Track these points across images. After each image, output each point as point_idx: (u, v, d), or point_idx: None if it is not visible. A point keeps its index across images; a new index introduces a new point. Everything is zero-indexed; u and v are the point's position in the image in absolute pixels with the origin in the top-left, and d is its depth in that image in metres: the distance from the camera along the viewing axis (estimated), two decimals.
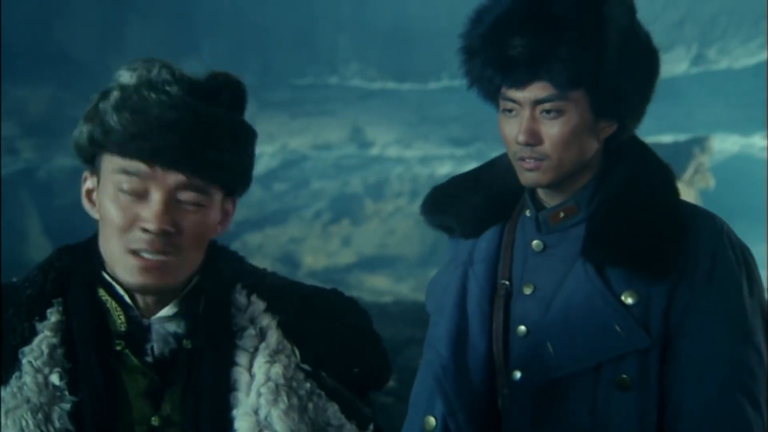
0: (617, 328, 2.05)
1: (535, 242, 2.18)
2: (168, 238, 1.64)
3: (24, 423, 1.63)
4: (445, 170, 16.36)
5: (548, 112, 2.07)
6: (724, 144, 15.68)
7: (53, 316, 1.71)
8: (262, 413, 1.68)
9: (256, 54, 13.06)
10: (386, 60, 13.67)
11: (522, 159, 2.11)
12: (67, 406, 1.65)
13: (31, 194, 15.12)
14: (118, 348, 1.70)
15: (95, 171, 1.74)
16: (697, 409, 2.05)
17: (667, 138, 12.33)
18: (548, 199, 2.18)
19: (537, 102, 2.07)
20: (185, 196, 1.66)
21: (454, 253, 2.34)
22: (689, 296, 2.07)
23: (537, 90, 2.06)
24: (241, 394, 1.71)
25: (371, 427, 1.80)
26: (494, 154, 2.32)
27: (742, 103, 14.75)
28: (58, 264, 1.77)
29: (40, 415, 1.64)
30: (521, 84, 2.07)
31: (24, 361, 1.67)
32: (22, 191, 14.81)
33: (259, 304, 1.78)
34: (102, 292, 1.72)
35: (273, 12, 12.90)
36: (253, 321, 1.78)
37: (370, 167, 17.24)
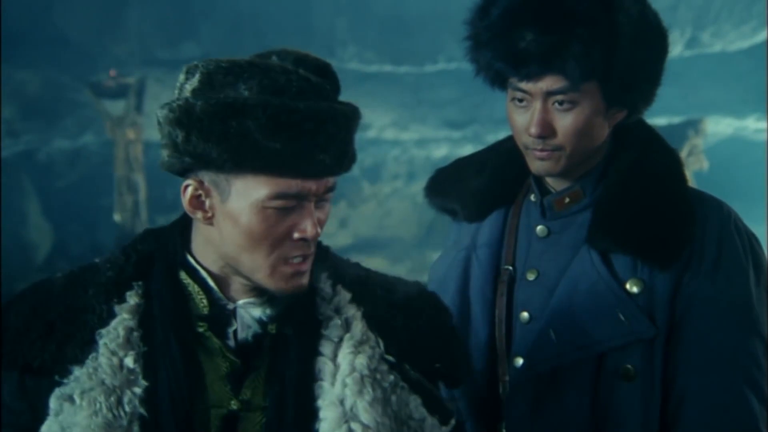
0: (621, 316, 2.04)
1: (539, 227, 2.18)
2: (315, 242, 1.67)
3: (98, 405, 1.63)
4: (441, 153, 16.38)
5: (561, 103, 2.04)
6: (718, 126, 15.70)
7: (132, 298, 1.71)
8: (348, 404, 1.65)
9: (254, 37, 13.04)
10: (383, 43, 13.65)
11: (533, 148, 2.08)
12: (139, 390, 1.65)
13: (31, 176, 15.09)
14: (200, 330, 1.70)
15: (206, 181, 1.68)
16: (701, 400, 2.03)
17: (661, 120, 12.31)
18: (554, 184, 2.17)
19: (549, 93, 2.04)
20: (326, 197, 1.69)
21: (457, 237, 2.32)
22: (695, 284, 2.05)
23: (549, 82, 2.03)
24: (325, 384, 1.66)
25: (452, 421, 1.78)
26: (490, 136, 2.37)
27: (735, 86, 14.76)
28: (141, 247, 1.76)
29: (112, 398, 1.64)
30: (533, 77, 2.03)
31: (100, 342, 1.67)
32: (22, 173, 14.80)
33: (344, 295, 1.74)
34: (184, 276, 1.71)
35: None
36: (338, 311, 1.72)
37: (367, 150, 17.24)
